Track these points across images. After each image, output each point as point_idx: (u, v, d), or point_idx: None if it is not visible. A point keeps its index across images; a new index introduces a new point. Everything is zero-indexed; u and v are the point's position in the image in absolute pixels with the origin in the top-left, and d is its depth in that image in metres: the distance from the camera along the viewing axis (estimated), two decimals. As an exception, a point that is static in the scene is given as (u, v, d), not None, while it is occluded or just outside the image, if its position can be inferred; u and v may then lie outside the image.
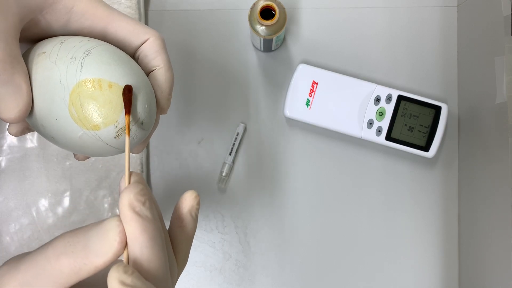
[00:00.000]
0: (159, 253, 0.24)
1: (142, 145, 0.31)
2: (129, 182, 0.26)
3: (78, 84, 0.26)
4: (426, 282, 0.50)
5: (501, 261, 0.41)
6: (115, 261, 0.24)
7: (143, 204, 0.24)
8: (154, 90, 0.29)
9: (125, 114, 0.26)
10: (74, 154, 0.32)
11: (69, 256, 0.23)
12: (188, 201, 0.28)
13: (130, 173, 0.26)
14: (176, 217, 0.28)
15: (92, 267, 0.23)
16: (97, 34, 0.29)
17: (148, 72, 0.30)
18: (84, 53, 0.26)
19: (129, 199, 0.23)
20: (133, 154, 0.48)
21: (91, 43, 0.27)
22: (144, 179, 0.26)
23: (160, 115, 0.32)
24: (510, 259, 0.39)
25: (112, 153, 0.28)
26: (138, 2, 0.48)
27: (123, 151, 0.29)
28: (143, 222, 0.23)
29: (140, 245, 0.23)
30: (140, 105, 0.27)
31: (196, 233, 0.50)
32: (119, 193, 0.25)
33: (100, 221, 0.24)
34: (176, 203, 0.28)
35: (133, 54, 0.30)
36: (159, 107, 0.30)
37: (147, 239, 0.23)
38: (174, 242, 0.28)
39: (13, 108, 0.26)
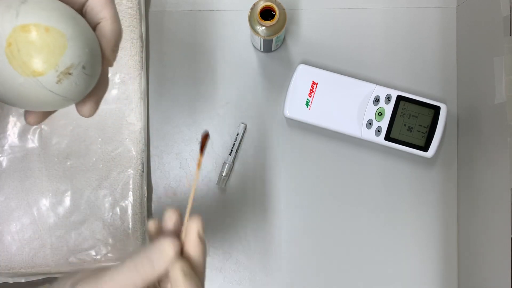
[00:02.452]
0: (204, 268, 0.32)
1: (93, 104, 0.31)
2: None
3: (14, 30, 0.26)
4: (426, 281, 0.50)
5: (500, 260, 0.41)
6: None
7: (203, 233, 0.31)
8: (99, 41, 0.30)
9: (200, 155, 0.32)
10: (25, 117, 0.32)
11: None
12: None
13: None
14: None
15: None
16: None
17: (95, 25, 0.30)
18: (20, 1, 0.26)
19: (198, 227, 0.30)
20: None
21: None
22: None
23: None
24: (508, 258, 0.40)
25: (57, 102, 0.28)
26: (139, 3, 0.49)
27: (69, 99, 0.28)
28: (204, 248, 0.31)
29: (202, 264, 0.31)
30: (80, 48, 0.27)
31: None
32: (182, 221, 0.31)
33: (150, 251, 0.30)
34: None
35: (80, 10, 0.31)
36: (104, 59, 0.30)
37: (205, 260, 0.31)
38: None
39: None
